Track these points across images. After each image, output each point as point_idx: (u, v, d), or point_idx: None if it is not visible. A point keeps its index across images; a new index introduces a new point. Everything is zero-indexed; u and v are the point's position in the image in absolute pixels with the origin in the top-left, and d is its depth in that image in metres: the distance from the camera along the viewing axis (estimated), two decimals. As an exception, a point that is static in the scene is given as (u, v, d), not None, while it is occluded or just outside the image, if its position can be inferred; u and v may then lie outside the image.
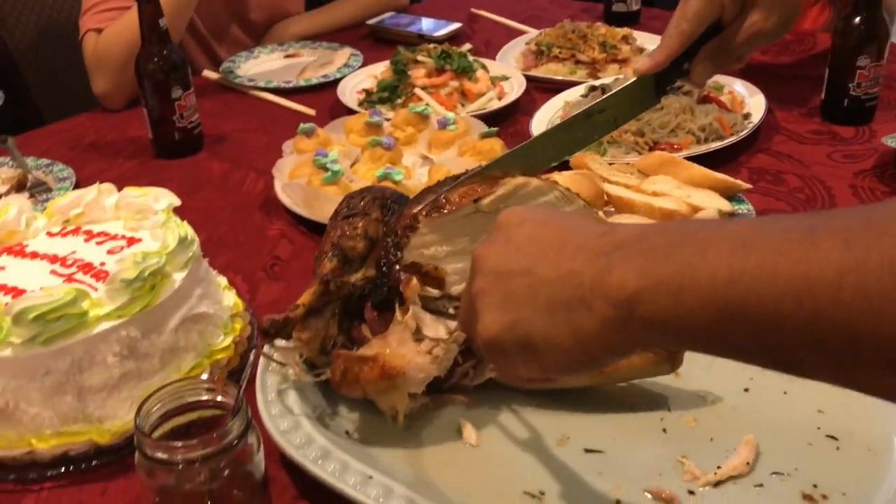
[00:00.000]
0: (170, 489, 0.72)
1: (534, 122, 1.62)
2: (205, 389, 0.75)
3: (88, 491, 0.89)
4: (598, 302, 0.56)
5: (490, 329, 0.63)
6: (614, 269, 0.56)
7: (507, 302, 0.62)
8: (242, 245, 1.34)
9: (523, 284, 0.61)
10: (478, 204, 0.89)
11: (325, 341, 0.92)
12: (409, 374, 0.85)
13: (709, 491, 0.82)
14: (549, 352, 0.60)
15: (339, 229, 0.96)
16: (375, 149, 1.44)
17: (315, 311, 0.92)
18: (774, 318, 0.49)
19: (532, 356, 0.62)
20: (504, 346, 0.63)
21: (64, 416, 0.89)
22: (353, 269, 0.94)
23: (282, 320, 0.90)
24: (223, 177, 1.56)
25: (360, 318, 0.93)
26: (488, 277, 0.65)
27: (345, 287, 0.92)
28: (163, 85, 1.57)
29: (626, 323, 0.55)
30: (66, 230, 1.06)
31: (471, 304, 0.66)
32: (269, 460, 0.78)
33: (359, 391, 0.87)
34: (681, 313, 0.52)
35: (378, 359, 0.85)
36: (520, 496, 0.83)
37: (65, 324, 0.87)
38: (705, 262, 0.52)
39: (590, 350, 0.59)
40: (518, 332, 0.61)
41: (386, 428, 0.91)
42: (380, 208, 0.97)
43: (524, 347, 0.61)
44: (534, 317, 0.60)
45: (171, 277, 0.96)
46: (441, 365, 0.87)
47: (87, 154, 1.67)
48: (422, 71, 1.80)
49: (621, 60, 1.91)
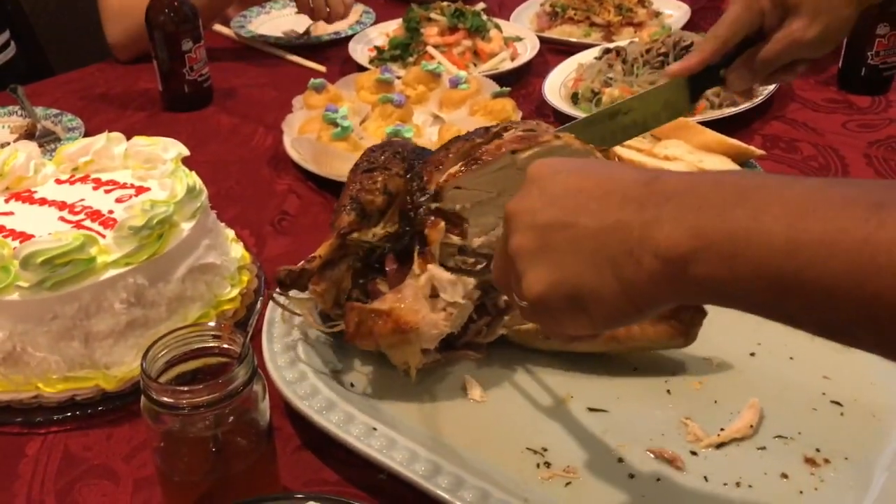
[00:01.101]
0: (174, 434, 0.72)
1: (546, 84, 1.61)
2: (211, 336, 0.75)
3: (94, 436, 0.89)
4: (647, 257, 0.54)
5: (534, 288, 0.60)
6: (665, 223, 0.53)
7: (549, 258, 0.59)
8: (250, 199, 1.33)
9: (565, 238, 0.58)
10: (514, 156, 0.86)
11: (339, 294, 0.92)
12: (422, 329, 0.85)
13: (711, 452, 0.83)
14: (598, 306, 0.58)
15: (358, 183, 0.95)
16: (386, 106, 1.43)
17: (331, 264, 0.91)
18: (831, 296, 0.47)
19: (580, 312, 0.59)
20: (550, 305, 0.60)
21: (71, 362, 0.90)
22: (371, 223, 0.93)
23: (298, 271, 0.90)
24: (232, 131, 1.56)
25: (375, 272, 0.93)
26: (526, 233, 0.61)
27: (361, 242, 0.92)
28: (173, 37, 1.55)
29: (677, 279, 0.53)
30: (75, 178, 1.06)
31: (509, 263, 0.63)
32: (273, 411, 0.78)
33: (372, 344, 0.87)
34: (734, 278, 0.50)
35: (392, 313, 0.85)
36: (522, 452, 0.83)
37: (72, 269, 0.87)
38: (762, 227, 0.49)
39: (638, 303, 0.56)
40: (564, 289, 0.59)
41: (391, 382, 0.91)
42: (401, 162, 0.95)
43: (572, 303, 0.59)
44: (580, 271, 0.57)
45: (178, 227, 0.96)
46: (455, 322, 0.87)
47: (96, 105, 1.67)
48: (434, 29, 1.78)
49: (637, 24, 1.88)
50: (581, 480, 0.80)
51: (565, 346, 0.92)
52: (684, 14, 1.94)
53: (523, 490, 0.78)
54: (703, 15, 2.00)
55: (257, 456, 0.75)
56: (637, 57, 1.59)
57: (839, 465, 0.81)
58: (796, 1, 0.91)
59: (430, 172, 0.90)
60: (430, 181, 0.89)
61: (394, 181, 0.93)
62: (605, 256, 0.56)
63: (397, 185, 0.93)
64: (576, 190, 0.59)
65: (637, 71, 1.57)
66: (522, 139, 0.87)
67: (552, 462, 0.82)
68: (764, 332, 0.97)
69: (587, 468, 0.81)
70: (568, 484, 0.80)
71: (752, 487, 0.79)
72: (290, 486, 0.82)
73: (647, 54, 1.58)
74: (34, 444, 0.89)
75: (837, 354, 0.93)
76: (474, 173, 0.86)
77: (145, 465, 0.85)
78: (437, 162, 0.90)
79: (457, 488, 0.75)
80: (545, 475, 0.80)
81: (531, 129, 0.91)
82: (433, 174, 0.89)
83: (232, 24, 1.98)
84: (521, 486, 0.79)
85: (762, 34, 0.94)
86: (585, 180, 0.59)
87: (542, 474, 0.81)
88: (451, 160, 0.89)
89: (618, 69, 1.59)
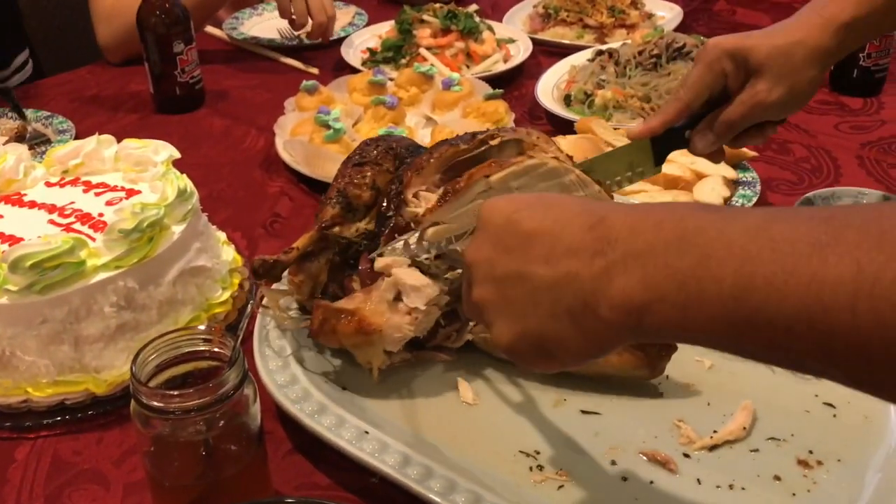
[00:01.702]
0: (165, 439, 0.72)
1: (539, 85, 1.60)
2: (202, 340, 0.74)
3: (84, 440, 0.89)
4: (602, 309, 0.55)
5: (502, 339, 0.63)
6: (615, 277, 0.54)
7: (511, 311, 0.61)
8: (242, 201, 1.33)
9: (523, 291, 0.60)
10: (489, 180, 0.86)
11: (315, 287, 0.92)
12: (385, 332, 0.85)
13: (704, 455, 0.82)
14: (564, 352, 0.60)
15: (347, 176, 0.94)
16: (378, 108, 1.43)
17: (310, 256, 0.91)
18: (787, 336, 0.47)
19: (548, 356, 0.61)
20: (520, 352, 0.63)
21: (60, 366, 0.89)
22: (355, 217, 0.93)
23: (272, 261, 0.90)
24: (224, 133, 1.55)
25: (352, 268, 0.92)
26: (486, 286, 0.63)
27: (339, 237, 0.92)
28: (165, 38, 1.55)
29: (634, 327, 0.54)
30: (65, 181, 1.05)
31: (476, 312, 0.66)
32: (264, 414, 0.78)
33: (335, 342, 0.87)
34: (689, 325, 0.51)
35: (356, 313, 0.85)
36: (515, 455, 0.83)
37: (62, 272, 0.86)
38: (708, 274, 0.50)
39: (602, 346, 0.58)
40: (530, 339, 0.61)
41: (383, 385, 0.91)
42: (392, 159, 0.95)
43: (539, 350, 0.61)
44: (541, 324, 0.59)
45: (169, 229, 0.95)
46: (420, 327, 0.86)
47: (87, 107, 1.66)
48: (427, 31, 1.78)
49: (629, 25, 1.88)
50: (573, 483, 0.80)
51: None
52: (676, 16, 1.94)
53: (516, 493, 0.78)
54: (696, 17, 2.00)
55: (248, 460, 0.75)
56: (629, 59, 1.59)
57: (832, 467, 0.80)
58: (759, 63, 0.90)
59: (409, 176, 0.90)
60: (408, 185, 0.89)
61: (383, 177, 0.93)
62: (563, 307, 0.57)
63: (386, 182, 0.93)
64: (526, 236, 0.60)
65: (630, 73, 1.57)
66: (494, 164, 0.87)
67: (545, 465, 0.82)
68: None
69: (580, 471, 0.81)
70: (560, 487, 0.79)
71: (745, 490, 0.79)
72: (282, 490, 0.81)
73: (639, 56, 1.58)
74: (23, 448, 0.88)
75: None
76: (450, 205, 0.86)
77: (135, 470, 0.85)
78: (419, 166, 0.90)
79: (449, 492, 0.75)
80: (538, 478, 0.80)
81: (519, 137, 0.91)
82: (412, 178, 0.89)
83: (224, 27, 1.97)
84: (513, 490, 0.79)
85: (727, 95, 0.93)
86: (534, 223, 0.60)
87: (534, 477, 0.80)
88: (433, 165, 0.89)
89: (610, 71, 1.59)
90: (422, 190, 0.90)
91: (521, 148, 0.92)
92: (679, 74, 1.51)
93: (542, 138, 0.93)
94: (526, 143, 0.92)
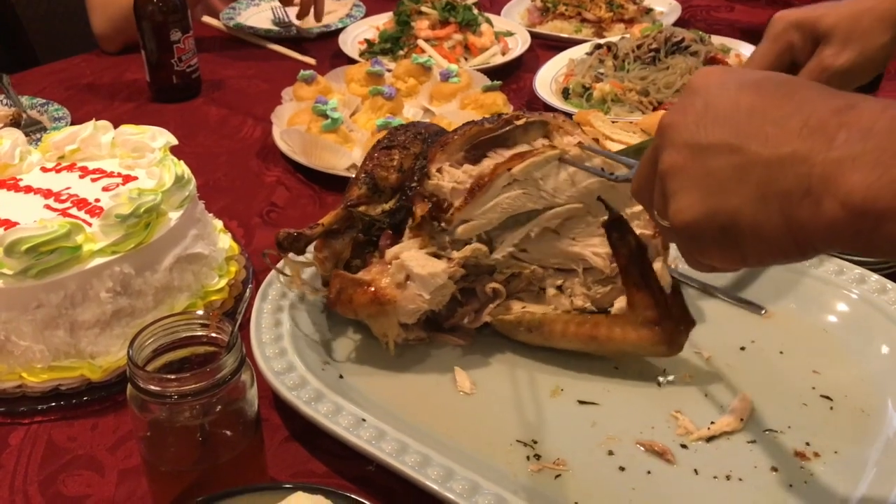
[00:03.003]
0: (161, 424, 0.71)
1: (537, 78, 1.60)
2: (199, 325, 0.74)
3: (79, 426, 0.88)
4: (829, 201, 0.47)
5: (685, 214, 0.55)
6: (859, 168, 0.46)
7: (707, 183, 0.53)
8: (239, 190, 1.32)
9: (729, 164, 0.52)
10: (510, 173, 0.88)
11: (338, 263, 0.93)
12: (400, 303, 0.86)
13: (701, 445, 0.82)
14: (755, 242, 0.52)
15: (375, 158, 0.96)
16: (376, 98, 1.42)
17: (335, 233, 0.93)
18: None
19: (733, 245, 0.53)
20: (700, 233, 0.55)
21: (56, 351, 0.89)
22: (382, 199, 0.94)
23: (296, 234, 0.91)
24: (221, 122, 1.54)
25: (377, 245, 0.94)
26: (682, 151, 0.55)
27: (364, 216, 0.93)
28: (161, 27, 1.54)
29: (863, 232, 0.47)
30: (61, 166, 1.04)
31: (656, 179, 0.57)
32: (261, 402, 0.77)
33: (351, 312, 0.88)
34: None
35: (372, 284, 0.86)
36: (512, 444, 0.82)
37: (58, 257, 0.86)
38: None
39: (804, 246, 0.51)
40: (720, 220, 0.53)
41: (381, 373, 0.91)
42: (421, 143, 0.96)
43: (724, 236, 0.53)
44: (741, 203, 0.51)
45: (166, 216, 0.95)
46: (434, 300, 0.87)
47: (83, 95, 1.65)
48: (425, 23, 1.78)
49: (627, 20, 1.88)
50: (571, 473, 0.79)
51: (546, 341, 0.92)
52: (675, 10, 1.94)
53: (513, 482, 0.78)
54: (694, 12, 2.00)
55: (244, 446, 0.74)
56: (628, 52, 1.59)
57: (829, 459, 0.80)
58: (826, 28, 0.86)
59: (433, 152, 0.91)
60: (432, 160, 0.90)
61: (409, 160, 0.95)
62: (775, 190, 0.50)
63: (412, 165, 0.94)
64: (748, 109, 0.52)
65: (628, 66, 1.57)
66: (516, 157, 0.88)
67: (542, 454, 0.81)
68: (754, 326, 0.97)
69: (577, 461, 0.81)
70: (558, 476, 0.79)
71: (743, 480, 0.78)
72: (278, 477, 0.81)
73: (637, 50, 1.58)
74: (18, 434, 0.87)
75: (828, 349, 0.93)
76: (478, 200, 0.88)
77: (131, 456, 0.84)
78: (444, 142, 0.91)
79: (446, 480, 0.74)
80: (535, 467, 0.80)
81: (545, 120, 0.92)
82: (437, 154, 0.91)
83: (221, 16, 1.96)
84: (510, 479, 0.78)
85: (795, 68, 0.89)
86: (760, 98, 0.52)
87: (531, 466, 0.80)
88: (457, 142, 0.91)
89: (609, 64, 1.58)
90: (445, 165, 0.91)
91: (546, 130, 0.93)
92: (678, 69, 1.51)
93: (567, 122, 0.94)
94: (552, 125, 0.93)
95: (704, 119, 0.54)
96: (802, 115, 0.50)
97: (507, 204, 0.90)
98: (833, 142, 0.48)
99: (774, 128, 0.51)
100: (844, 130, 0.48)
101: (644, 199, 0.63)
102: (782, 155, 0.50)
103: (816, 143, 0.48)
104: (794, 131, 0.50)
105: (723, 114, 0.53)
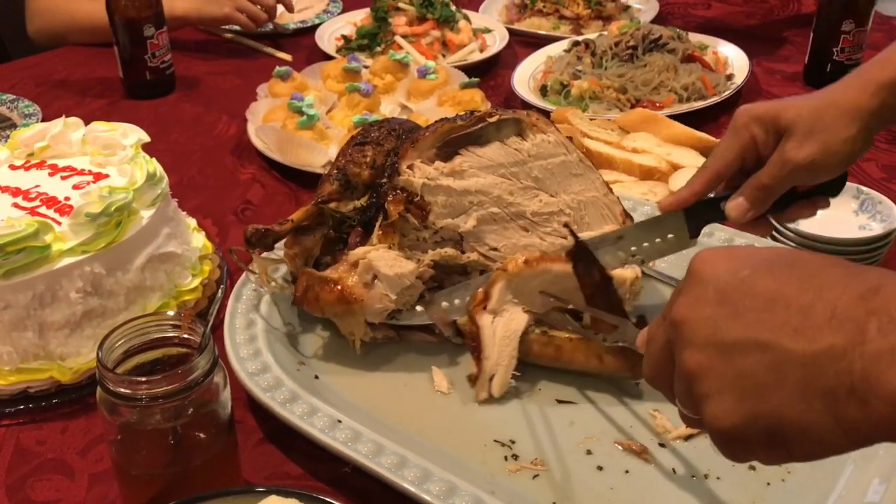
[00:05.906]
0: (132, 427, 0.70)
1: (515, 75, 1.60)
2: (171, 326, 0.73)
3: (48, 429, 0.87)
4: (875, 401, 0.45)
5: (725, 420, 0.51)
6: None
7: (742, 385, 0.50)
8: (213, 188, 1.31)
9: (762, 363, 0.49)
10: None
11: (308, 260, 0.92)
12: (367, 303, 0.85)
13: (679, 444, 0.82)
14: (804, 442, 0.49)
15: (348, 155, 0.95)
16: (353, 95, 1.41)
17: (306, 230, 0.92)
18: None
19: (780, 446, 0.51)
20: (743, 437, 0.51)
21: (24, 353, 0.87)
22: (354, 195, 0.93)
23: (263, 230, 0.90)
24: (195, 119, 1.52)
25: (345, 243, 0.93)
26: (706, 350, 0.52)
27: (334, 212, 0.92)
28: (134, 22, 1.52)
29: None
30: (30, 163, 1.02)
31: (681, 379, 0.55)
32: (235, 403, 0.76)
33: (318, 311, 0.88)
34: None
35: (339, 282, 0.85)
36: (489, 444, 0.82)
37: (26, 257, 0.84)
38: None
39: (859, 441, 0.48)
40: (763, 423, 0.50)
41: (357, 374, 0.90)
42: (394, 140, 0.95)
43: (771, 437, 0.50)
44: (783, 404, 0.49)
45: (138, 214, 0.93)
46: (401, 300, 0.87)
47: (54, 91, 1.62)
48: (403, 19, 1.76)
49: (606, 17, 1.88)
50: (549, 473, 0.79)
51: None
52: (653, 7, 1.94)
53: (490, 483, 0.77)
54: (671, 9, 2.00)
55: (218, 449, 0.73)
56: (606, 50, 1.58)
57: (806, 457, 0.80)
58: (788, 122, 0.84)
59: (405, 148, 0.90)
60: (403, 156, 0.89)
61: (383, 157, 0.94)
62: (816, 389, 0.48)
63: (384, 162, 0.93)
64: (767, 297, 0.50)
65: (606, 64, 1.56)
66: None
67: (520, 454, 0.81)
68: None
69: (555, 460, 0.80)
70: (535, 476, 0.79)
71: (721, 479, 0.78)
72: (252, 480, 0.80)
73: (615, 47, 1.58)
74: (-15, 437, 0.86)
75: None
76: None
77: (101, 460, 0.82)
78: (415, 139, 0.91)
79: (423, 481, 0.74)
80: (513, 467, 0.79)
81: (518, 117, 0.92)
82: (407, 150, 0.90)
83: (196, 12, 1.94)
84: (488, 479, 0.78)
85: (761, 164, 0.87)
86: (776, 282, 0.50)
87: (509, 466, 0.79)
88: (429, 139, 0.90)
89: (587, 62, 1.58)
90: (417, 162, 0.90)
91: (519, 128, 0.93)
92: (655, 66, 1.51)
93: (541, 119, 0.93)
94: (525, 122, 0.92)
95: (723, 313, 0.52)
96: (826, 302, 0.48)
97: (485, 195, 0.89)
98: (866, 334, 0.46)
99: (801, 318, 0.48)
100: (875, 319, 0.46)
101: (661, 388, 0.60)
102: (817, 351, 0.47)
103: (849, 336, 0.47)
104: (822, 323, 0.48)
105: (742, 306, 0.51)
